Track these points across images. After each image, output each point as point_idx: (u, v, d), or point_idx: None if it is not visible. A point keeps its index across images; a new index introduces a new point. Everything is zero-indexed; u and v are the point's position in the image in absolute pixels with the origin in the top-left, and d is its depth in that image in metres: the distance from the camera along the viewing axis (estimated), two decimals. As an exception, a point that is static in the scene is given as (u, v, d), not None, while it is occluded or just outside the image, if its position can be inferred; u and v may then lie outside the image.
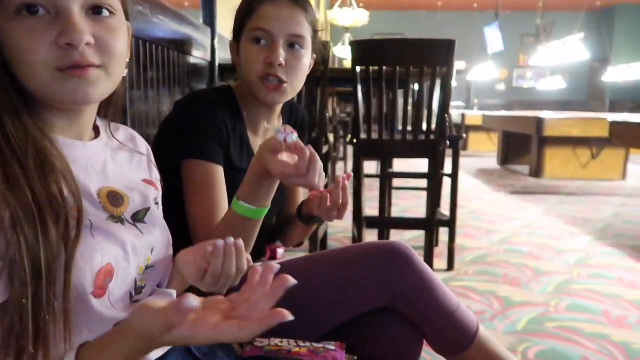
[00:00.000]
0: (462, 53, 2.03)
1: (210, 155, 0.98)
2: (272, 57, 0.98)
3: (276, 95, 1.01)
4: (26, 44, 0.55)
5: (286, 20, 0.99)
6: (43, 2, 0.55)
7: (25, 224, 0.52)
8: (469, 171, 5.84)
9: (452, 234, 2.37)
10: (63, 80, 0.57)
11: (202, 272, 0.65)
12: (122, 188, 0.69)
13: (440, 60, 1.90)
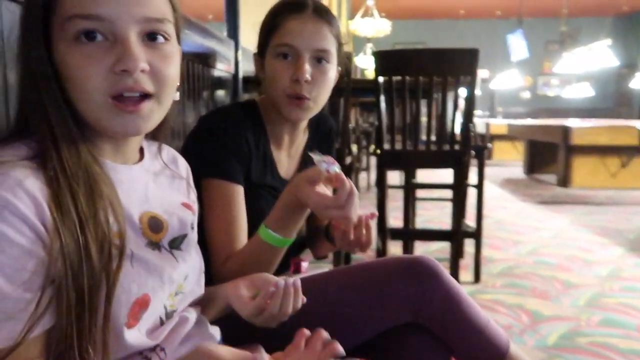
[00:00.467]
0: (485, 61, 2.00)
1: (230, 174, 0.97)
2: (298, 73, 0.97)
3: (300, 111, 1.00)
4: (82, 70, 0.55)
5: (311, 34, 0.98)
6: (101, 29, 0.55)
7: (71, 251, 0.52)
8: (494, 181, 5.75)
9: (478, 245, 2.33)
10: (115, 114, 0.57)
11: (260, 310, 0.69)
12: (162, 213, 0.69)
13: (463, 69, 1.88)
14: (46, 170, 0.54)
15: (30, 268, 0.51)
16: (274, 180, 1.06)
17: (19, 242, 0.50)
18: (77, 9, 0.55)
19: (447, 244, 2.45)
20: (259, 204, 1.03)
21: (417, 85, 1.91)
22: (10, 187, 0.50)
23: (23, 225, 0.50)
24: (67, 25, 0.55)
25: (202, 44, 1.77)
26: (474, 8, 10.88)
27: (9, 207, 0.50)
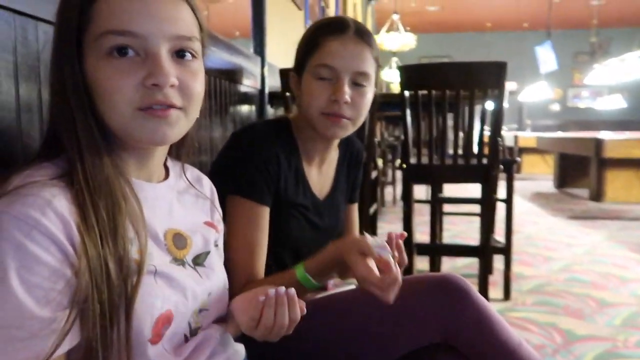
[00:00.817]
0: (513, 73, 1.97)
1: (256, 194, 0.96)
2: (337, 94, 0.95)
3: (337, 129, 0.99)
4: (113, 83, 0.57)
5: (352, 57, 0.96)
6: (134, 45, 0.57)
7: (94, 267, 0.53)
8: (524, 195, 5.62)
9: (508, 261, 2.27)
10: (143, 120, 0.58)
11: (255, 322, 0.64)
12: (185, 230, 0.69)
13: (491, 82, 1.85)
14: (73, 186, 0.55)
15: (58, 288, 0.51)
16: (306, 199, 1.05)
17: (48, 262, 0.51)
18: (111, 25, 0.56)
19: (475, 259, 2.40)
20: (290, 222, 1.03)
21: (443, 99, 1.89)
22: (39, 207, 0.51)
23: (52, 245, 0.51)
24: (100, 41, 0.56)
25: (229, 60, 1.79)
26: (500, 20, 10.79)
27: (39, 227, 0.50)
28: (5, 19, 0.72)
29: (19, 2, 0.73)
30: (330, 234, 1.15)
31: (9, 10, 0.72)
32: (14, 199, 0.51)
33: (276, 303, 0.63)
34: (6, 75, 0.73)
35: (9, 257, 0.49)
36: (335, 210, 1.13)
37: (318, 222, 1.08)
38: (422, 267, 2.51)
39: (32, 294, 0.50)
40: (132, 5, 0.57)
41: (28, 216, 0.50)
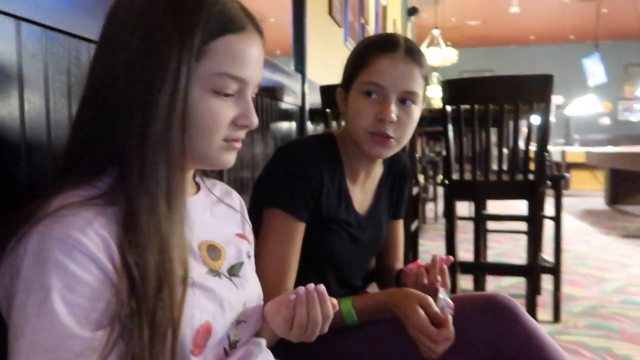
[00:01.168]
0: (559, 87, 1.91)
1: (294, 208, 0.96)
2: (384, 113, 0.94)
3: (382, 149, 0.98)
4: (216, 118, 0.61)
5: (401, 76, 0.95)
6: (235, 88, 0.63)
7: (139, 285, 0.54)
8: (573, 212, 5.40)
9: (557, 281, 2.17)
10: (225, 150, 0.64)
11: (289, 323, 0.64)
12: (219, 241, 0.71)
13: (536, 96, 1.80)
14: (112, 205, 0.56)
15: (99, 307, 0.52)
16: (348, 215, 1.04)
17: (89, 282, 0.52)
18: (230, 69, 0.60)
19: (521, 279, 2.31)
20: (331, 237, 1.02)
21: (486, 114, 1.85)
22: (80, 227, 0.52)
23: (92, 264, 0.52)
24: (216, 79, 0.60)
25: (270, 78, 1.82)
26: (545, 33, 10.54)
27: (79, 246, 0.51)
28: (61, 42, 0.76)
29: (74, 26, 0.77)
30: (371, 250, 1.14)
31: (64, 33, 0.76)
32: (54, 220, 0.52)
33: (307, 300, 0.63)
34: (60, 95, 0.76)
35: (52, 277, 0.50)
36: (377, 226, 1.12)
37: (360, 238, 1.07)
38: (466, 286, 2.44)
39: (73, 314, 0.50)
40: (246, 54, 0.62)
41: (69, 236, 0.51)
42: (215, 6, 0.60)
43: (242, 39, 0.61)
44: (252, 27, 0.63)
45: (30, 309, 0.50)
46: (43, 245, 0.51)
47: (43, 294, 0.50)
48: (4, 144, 0.66)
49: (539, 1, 8.48)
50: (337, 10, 3.27)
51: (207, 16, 0.59)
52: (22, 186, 0.70)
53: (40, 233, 0.51)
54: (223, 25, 0.60)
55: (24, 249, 0.51)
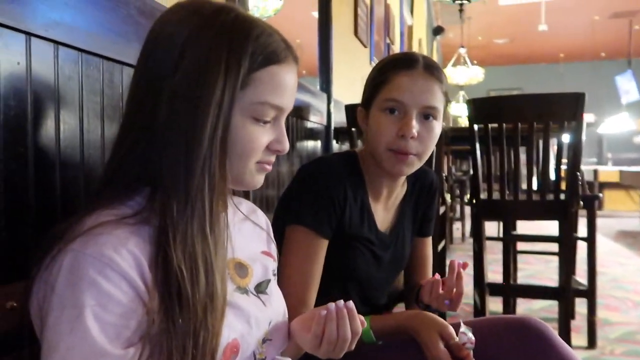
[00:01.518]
0: (590, 105, 1.86)
1: (317, 225, 0.96)
2: (404, 129, 0.94)
3: (403, 166, 0.98)
4: (255, 144, 0.63)
5: (421, 91, 0.96)
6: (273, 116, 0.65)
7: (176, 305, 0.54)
8: (607, 233, 5.23)
9: (592, 305, 2.10)
10: (257, 173, 0.67)
11: (318, 339, 0.65)
12: (246, 259, 0.71)
13: (567, 114, 1.76)
14: (150, 226, 0.56)
15: (131, 325, 0.53)
16: (371, 233, 1.04)
17: (121, 300, 0.52)
18: (272, 99, 0.63)
19: (553, 302, 2.23)
20: (354, 255, 1.01)
21: (515, 132, 1.82)
22: (113, 245, 0.53)
23: (124, 282, 0.53)
24: (257, 107, 0.62)
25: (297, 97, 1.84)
26: (575, 51, 10.39)
27: (112, 264, 0.52)
28: (95, 64, 0.79)
29: (108, 49, 0.80)
30: (395, 268, 1.12)
31: (99, 56, 0.79)
32: (88, 239, 0.53)
33: (337, 316, 0.64)
34: (94, 115, 0.79)
35: (85, 295, 0.51)
36: (401, 244, 1.11)
37: (382, 256, 1.06)
38: (495, 309, 2.37)
39: (105, 331, 0.51)
40: (286, 84, 0.64)
41: (102, 254, 0.52)
42: (260, 37, 0.62)
43: (283, 69, 0.64)
44: (291, 58, 0.66)
45: (64, 326, 0.50)
46: (77, 263, 0.52)
47: (76, 311, 0.50)
48: (40, 162, 0.69)
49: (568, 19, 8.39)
50: (362, 31, 3.30)
51: (254, 47, 0.61)
52: (56, 203, 0.72)
53: (74, 251, 0.52)
54: (267, 56, 0.62)
55: (59, 267, 0.53)
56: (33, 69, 0.67)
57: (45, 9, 0.67)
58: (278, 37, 0.65)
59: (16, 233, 0.65)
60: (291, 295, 0.91)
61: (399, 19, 5.24)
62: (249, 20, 0.63)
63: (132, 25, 0.85)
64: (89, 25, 0.76)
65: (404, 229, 1.12)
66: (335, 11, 2.56)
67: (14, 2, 0.63)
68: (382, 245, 1.06)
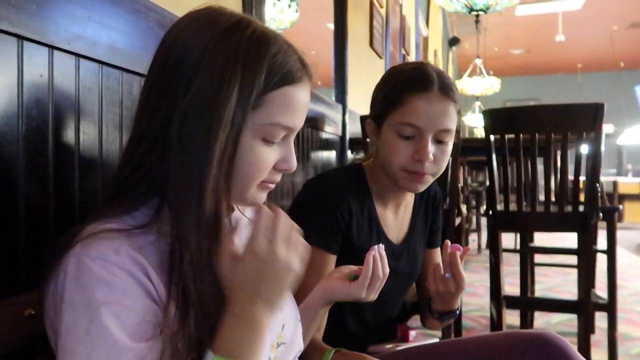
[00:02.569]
0: (609, 115, 1.84)
1: (324, 241, 0.96)
2: (421, 154, 0.94)
3: (419, 185, 0.98)
4: (261, 165, 0.62)
5: (437, 116, 0.94)
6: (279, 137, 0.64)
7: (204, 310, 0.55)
8: (627, 246, 5.12)
9: (613, 319, 2.05)
10: (259, 192, 0.65)
11: (368, 279, 0.81)
12: None
13: (586, 125, 1.74)
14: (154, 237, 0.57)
15: (148, 318, 0.53)
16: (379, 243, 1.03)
17: (133, 295, 0.52)
18: (284, 120, 0.61)
19: (572, 316, 2.19)
20: None
21: (532, 143, 1.80)
22: (114, 247, 0.53)
23: (132, 280, 0.53)
24: (268, 128, 0.61)
25: (311, 108, 1.85)
26: (593, 61, 10.28)
27: (118, 264, 0.52)
28: (115, 76, 0.80)
29: (127, 62, 0.82)
30: (407, 280, 1.11)
31: (119, 68, 0.81)
32: (89, 242, 0.53)
33: (381, 257, 0.82)
34: (112, 126, 0.80)
35: (96, 294, 0.51)
36: (413, 255, 1.11)
37: (395, 267, 1.05)
38: (512, 322, 2.33)
39: (124, 326, 0.51)
40: (299, 105, 0.63)
41: (106, 254, 0.52)
42: (277, 56, 0.60)
43: (297, 90, 0.62)
44: (306, 78, 0.64)
45: (80, 329, 0.50)
46: (82, 266, 0.52)
47: (90, 311, 0.50)
48: (61, 171, 0.70)
49: (585, 29, 8.32)
50: (377, 42, 3.31)
51: (269, 67, 0.60)
52: (74, 212, 0.73)
53: (76, 255, 0.53)
54: (283, 77, 0.60)
55: (64, 273, 0.53)
56: (55, 81, 0.69)
57: (68, 23, 0.69)
58: (295, 55, 0.63)
59: (36, 241, 0.66)
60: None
61: (414, 30, 5.25)
62: (266, 37, 0.61)
63: (152, 38, 0.86)
64: (109, 38, 0.77)
65: (415, 240, 1.12)
66: (351, 22, 2.57)
67: (38, 17, 0.65)
68: (393, 256, 1.05)
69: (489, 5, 3.52)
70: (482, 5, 3.52)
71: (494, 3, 3.50)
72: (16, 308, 0.62)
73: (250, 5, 1.42)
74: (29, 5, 0.63)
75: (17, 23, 0.62)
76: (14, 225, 0.63)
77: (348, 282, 0.83)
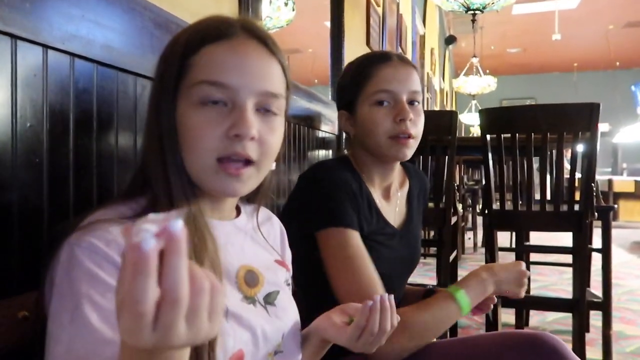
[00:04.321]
0: (605, 114, 1.84)
1: (349, 221, 0.95)
2: (402, 113, 1.00)
3: (406, 149, 1.02)
4: (200, 130, 0.60)
5: (405, 79, 1.03)
6: (224, 96, 0.61)
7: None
8: (622, 245, 5.15)
9: (607, 318, 2.06)
10: (218, 175, 0.61)
11: (360, 331, 0.67)
12: (258, 267, 0.70)
13: (581, 125, 1.75)
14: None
15: None
16: (381, 226, 1.04)
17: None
18: (206, 75, 0.60)
19: (567, 315, 2.20)
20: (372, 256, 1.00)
21: (528, 143, 1.80)
22: (106, 239, 0.54)
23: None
24: (194, 90, 0.60)
25: (308, 107, 1.85)
26: (589, 60, 10.31)
27: (107, 257, 0.53)
28: (110, 76, 0.80)
29: (123, 61, 0.81)
30: (410, 264, 1.13)
31: (114, 68, 0.80)
32: (84, 232, 0.54)
33: (382, 308, 0.67)
34: (107, 126, 0.79)
35: (81, 285, 0.51)
36: (414, 240, 1.13)
37: (398, 249, 1.06)
38: (507, 320, 2.34)
39: (106, 319, 0.51)
40: (229, 59, 0.61)
41: (97, 247, 0.53)
42: (199, 24, 0.64)
43: (225, 46, 0.61)
44: (243, 35, 0.63)
45: (64, 316, 0.50)
46: (72, 255, 0.53)
47: (75, 300, 0.51)
48: (55, 172, 0.69)
49: (581, 28, 8.34)
50: (374, 41, 3.31)
51: (189, 34, 0.63)
52: (67, 212, 0.72)
53: (70, 244, 0.54)
54: (202, 37, 0.62)
55: (57, 260, 0.54)
56: (49, 80, 0.68)
57: (62, 22, 0.69)
58: (227, 19, 0.64)
59: (29, 243, 0.66)
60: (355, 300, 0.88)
61: (411, 29, 5.25)
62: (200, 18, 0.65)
63: (147, 38, 0.86)
64: (104, 37, 0.77)
65: (414, 223, 1.14)
66: (348, 21, 2.57)
67: (32, 16, 0.64)
68: (394, 238, 1.06)
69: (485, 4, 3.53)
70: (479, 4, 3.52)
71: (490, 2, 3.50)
72: (9, 310, 0.62)
73: (247, 3, 1.41)
74: (23, 4, 0.63)
75: (10, 22, 0.61)
76: (7, 226, 0.63)
77: (344, 326, 0.71)
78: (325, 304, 0.97)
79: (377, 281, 0.93)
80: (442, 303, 0.91)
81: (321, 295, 0.93)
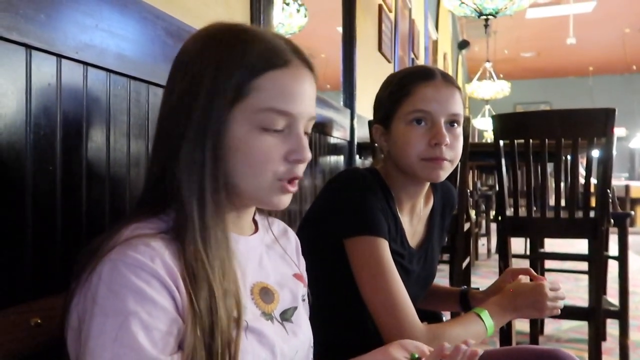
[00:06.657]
0: (621, 118, 1.81)
1: (381, 231, 0.93)
2: (438, 137, 0.95)
3: (440, 171, 0.97)
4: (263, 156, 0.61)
5: (445, 100, 0.97)
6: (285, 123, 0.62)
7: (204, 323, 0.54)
8: (639, 251, 5.05)
9: (624, 326, 2.02)
10: (279, 191, 0.63)
11: None
12: (273, 284, 0.69)
13: (597, 131, 1.72)
14: (181, 242, 0.57)
15: (174, 332, 0.53)
16: (401, 246, 1.02)
17: (165, 307, 0.53)
18: (274, 103, 0.60)
19: (583, 323, 2.16)
20: None
21: (542, 149, 1.78)
22: (150, 255, 0.53)
23: (165, 290, 0.53)
24: (260, 115, 0.60)
25: (319, 113, 1.85)
26: (605, 64, 10.19)
27: (153, 273, 0.53)
28: (123, 84, 0.81)
29: (135, 70, 0.82)
30: (424, 284, 1.12)
31: (126, 76, 0.81)
32: (126, 248, 0.54)
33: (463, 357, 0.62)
34: (120, 134, 0.80)
35: (128, 302, 0.51)
36: (430, 260, 1.11)
37: (413, 271, 1.05)
38: (521, 328, 2.31)
39: (152, 337, 0.51)
40: (293, 87, 0.62)
41: (143, 263, 0.53)
42: (258, 44, 0.61)
43: (288, 74, 0.62)
44: (298, 62, 0.63)
45: (109, 335, 0.50)
46: (117, 272, 0.52)
47: (120, 318, 0.50)
48: (68, 180, 0.70)
49: (597, 32, 8.25)
50: (386, 46, 3.31)
51: (249, 55, 0.60)
52: (82, 220, 0.73)
53: (112, 260, 0.53)
54: (267, 61, 0.61)
55: (98, 277, 0.53)
56: (63, 89, 0.69)
57: (76, 32, 0.70)
58: (281, 41, 0.64)
59: (43, 249, 0.67)
60: (386, 328, 0.89)
61: (423, 34, 5.24)
62: (244, 29, 0.63)
63: (160, 46, 0.87)
64: (117, 46, 0.78)
65: (432, 245, 1.11)
66: (360, 27, 2.57)
67: (47, 26, 0.65)
68: (410, 260, 1.04)
69: (498, 9, 3.50)
70: (492, 9, 3.50)
71: (503, 7, 3.48)
72: (21, 317, 0.63)
73: (259, 10, 1.42)
74: (38, 15, 0.64)
75: (25, 33, 0.62)
76: (21, 233, 0.64)
77: None
78: (338, 312, 0.97)
79: (408, 297, 0.92)
80: (472, 320, 0.91)
81: (335, 303, 0.93)
